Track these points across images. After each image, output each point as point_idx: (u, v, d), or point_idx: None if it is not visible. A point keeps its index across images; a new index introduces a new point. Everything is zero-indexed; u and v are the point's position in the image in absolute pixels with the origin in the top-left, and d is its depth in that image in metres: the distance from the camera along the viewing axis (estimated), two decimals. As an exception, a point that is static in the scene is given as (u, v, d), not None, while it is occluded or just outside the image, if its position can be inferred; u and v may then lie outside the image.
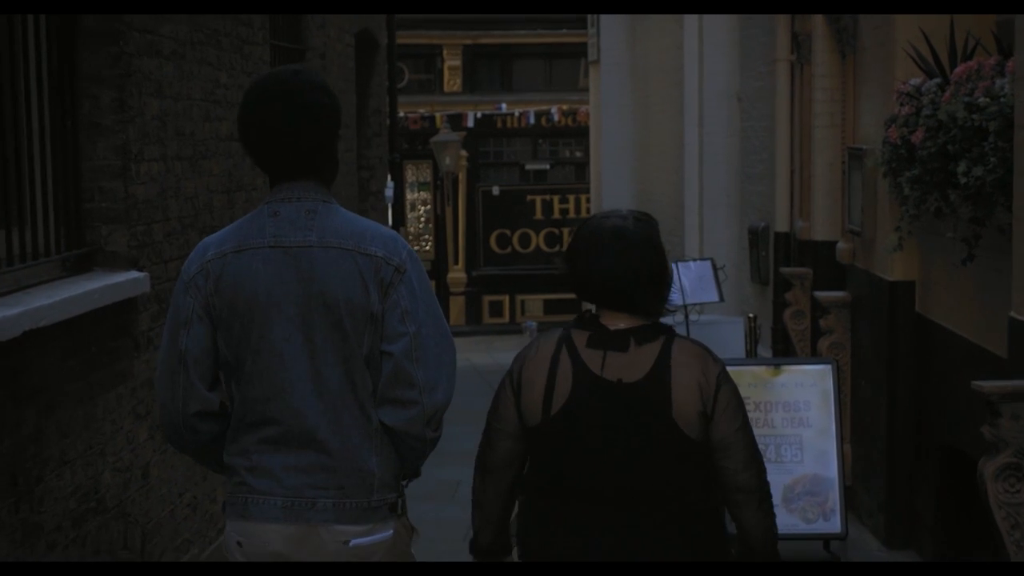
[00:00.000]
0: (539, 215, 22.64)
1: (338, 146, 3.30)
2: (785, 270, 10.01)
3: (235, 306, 3.14)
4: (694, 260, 10.66)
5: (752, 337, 10.12)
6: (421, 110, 22.27)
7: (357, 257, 3.09)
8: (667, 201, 14.71)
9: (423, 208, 22.98)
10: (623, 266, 3.14)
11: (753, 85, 11.70)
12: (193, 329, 3.15)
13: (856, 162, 7.88)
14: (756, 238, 11.38)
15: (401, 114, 19.89)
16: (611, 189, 16.92)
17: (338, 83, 10.01)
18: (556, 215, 22.67)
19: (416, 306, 3.14)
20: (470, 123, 22.14)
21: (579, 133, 21.91)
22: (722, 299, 10.53)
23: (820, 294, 8.54)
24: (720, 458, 3.16)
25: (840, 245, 8.46)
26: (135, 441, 5.75)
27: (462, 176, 22.44)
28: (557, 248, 22.46)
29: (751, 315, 10.26)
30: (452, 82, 22.59)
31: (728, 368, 3.27)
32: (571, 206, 22.70)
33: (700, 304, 10.53)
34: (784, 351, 10.50)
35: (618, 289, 3.15)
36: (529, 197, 22.66)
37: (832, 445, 6.87)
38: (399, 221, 17.13)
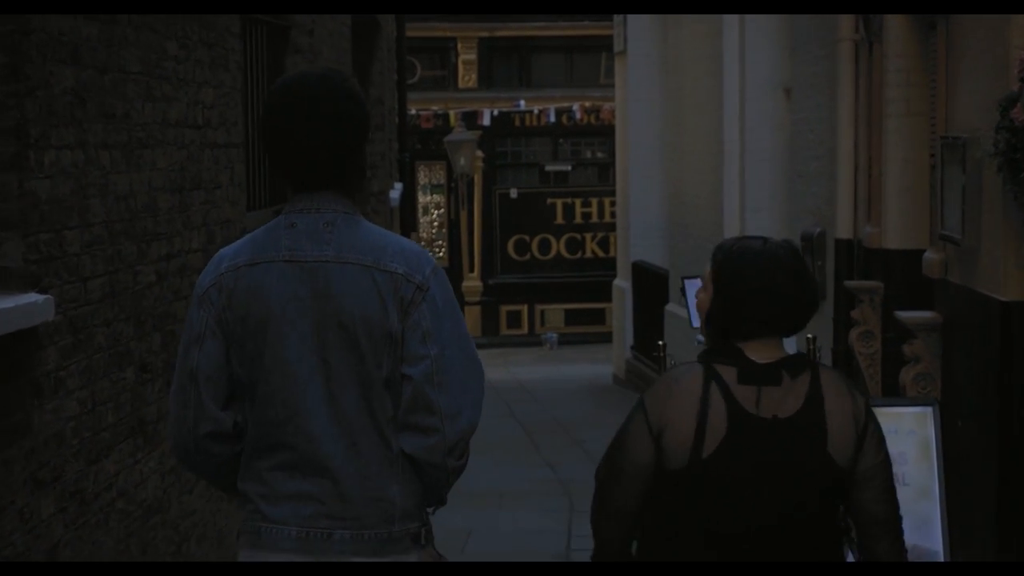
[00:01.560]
0: (560, 220, 22.08)
1: (365, 154, 3.15)
2: (851, 284, 8.68)
3: (247, 322, 3.04)
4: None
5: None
6: (434, 107, 21.70)
7: (376, 274, 3.00)
8: (703, 205, 13.51)
9: (436, 212, 22.45)
10: (785, 288, 3.10)
11: (805, 72, 10.42)
12: (206, 345, 3.07)
13: (953, 154, 6.46)
14: (810, 246, 10.03)
15: (412, 111, 19.22)
16: (639, 192, 16.00)
17: (329, 65, 8.64)
18: (578, 220, 22.12)
19: (439, 326, 3.03)
20: (486, 121, 21.53)
21: (603, 132, 21.34)
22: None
23: (904, 315, 7.12)
24: (861, 489, 3.13)
25: (928, 255, 7.05)
26: (34, 518, 4.35)
27: (478, 178, 21.97)
28: (579, 255, 22.01)
29: (810, 336, 8.82)
30: (467, 77, 22.02)
31: None
32: (594, 210, 22.12)
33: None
34: (847, 380, 9.10)
35: (782, 315, 3.10)
36: (549, 200, 22.12)
37: (936, 510, 5.47)
38: (410, 226, 16.06)
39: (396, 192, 12.65)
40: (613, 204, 19.67)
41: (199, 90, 5.97)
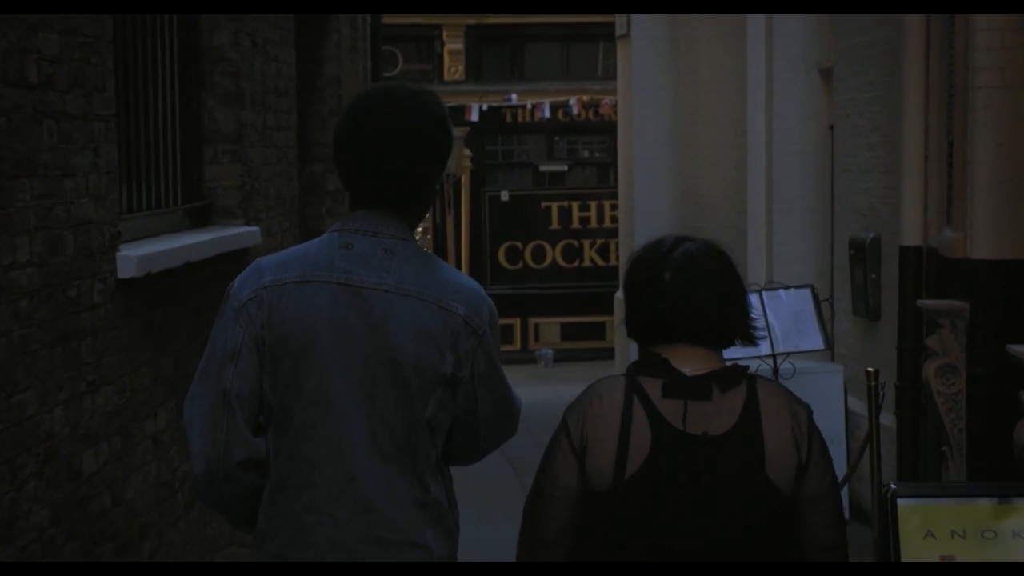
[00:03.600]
0: (555, 225, 21.00)
1: (436, 185, 3.03)
2: (927, 304, 6.96)
3: (288, 345, 2.91)
4: (785, 288, 7.42)
5: (874, 402, 6.92)
6: None
7: (436, 311, 2.93)
8: (723, 206, 11.92)
9: None
10: (704, 289, 2.91)
11: (852, 44, 8.76)
12: (242, 364, 2.91)
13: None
14: (861, 254, 8.35)
15: (392, 106, 17.58)
16: (645, 193, 14.38)
17: (263, 33, 6.86)
18: (575, 225, 20.90)
19: (490, 369, 3.00)
20: (474, 117, 20.49)
21: (603, 128, 20.53)
22: (828, 345, 7.30)
23: (1020, 348, 5.31)
24: (809, 514, 2.91)
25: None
26: None
27: (465, 179, 21.10)
28: (577, 263, 20.97)
29: (870, 369, 7.03)
30: (453, 69, 21.08)
31: (916, 499, 3.53)
32: (593, 214, 20.86)
33: (794, 352, 7.29)
34: (915, 426, 7.33)
35: (702, 316, 2.90)
36: (544, 204, 21.04)
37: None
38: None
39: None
40: (614, 208, 18.92)
41: (32, 35, 4.15)
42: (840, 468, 8.56)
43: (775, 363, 7.22)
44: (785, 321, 7.11)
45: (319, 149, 8.88)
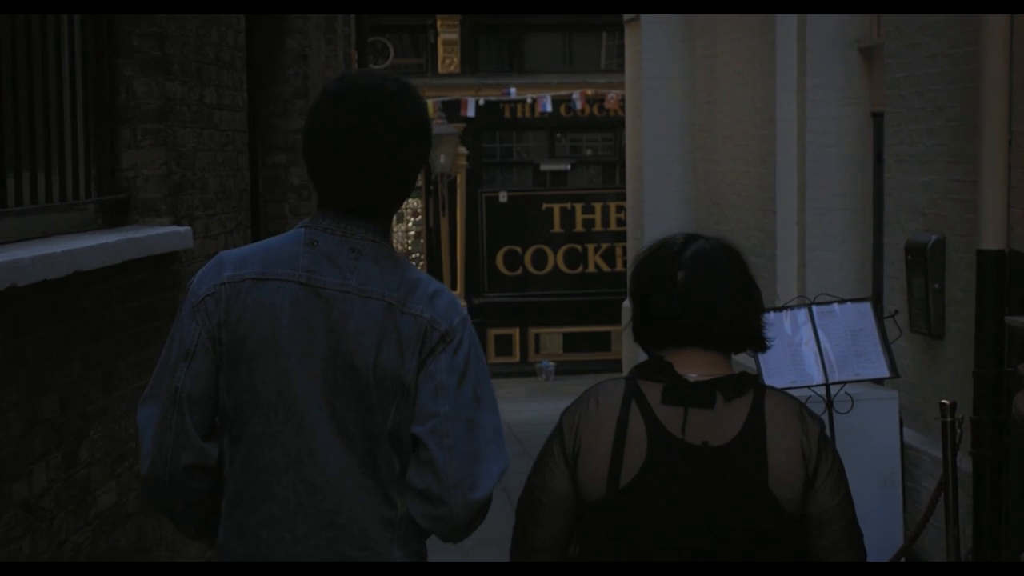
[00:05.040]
0: (557, 228, 20.60)
1: (412, 184, 2.92)
2: (1016, 321, 5.69)
3: (245, 345, 2.80)
4: (839, 302, 6.12)
5: (950, 442, 5.66)
6: None
7: (399, 316, 2.81)
8: (746, 206, 10.86)
9: (412, 219, 21.04)
10: (720, 289, 2.84)
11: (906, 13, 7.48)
12: (196, 363, 2.81)
13: None
14: (921, 260, 7.14)
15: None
16: (656, 193, 13.61)
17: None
18: (579, 228, 20.50)
19: (455, 382, 2.81)
20: (470, 112, 19.95)
21: (608, 125, 20.06)
22: (895, 372, 6.00)
23: None
24: (816, 535, 2.79)
25: None
26: None
27: (461, 179, 20.53)
28: (580, 269, 20.49)
29: (947, 401, 5.76)
30: (448, 61, 20.40)
31: None
32: (597, 216, 20.48)
33: (852, 381, 5.98)
34: (997, 470, 6.13)
35: (718, 318, 2.82)
36: (545, 205, 20.63)
37: None
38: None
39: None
40: (620, 210, 18.74)
41: None
42: (894, 513, 7.33)
43: (828, 394, 5.93)
44: (841, 343, 5.84)
45: (281, 137, 7.63)
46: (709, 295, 2.79)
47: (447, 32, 20.41)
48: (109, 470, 4.72)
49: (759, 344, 2.86)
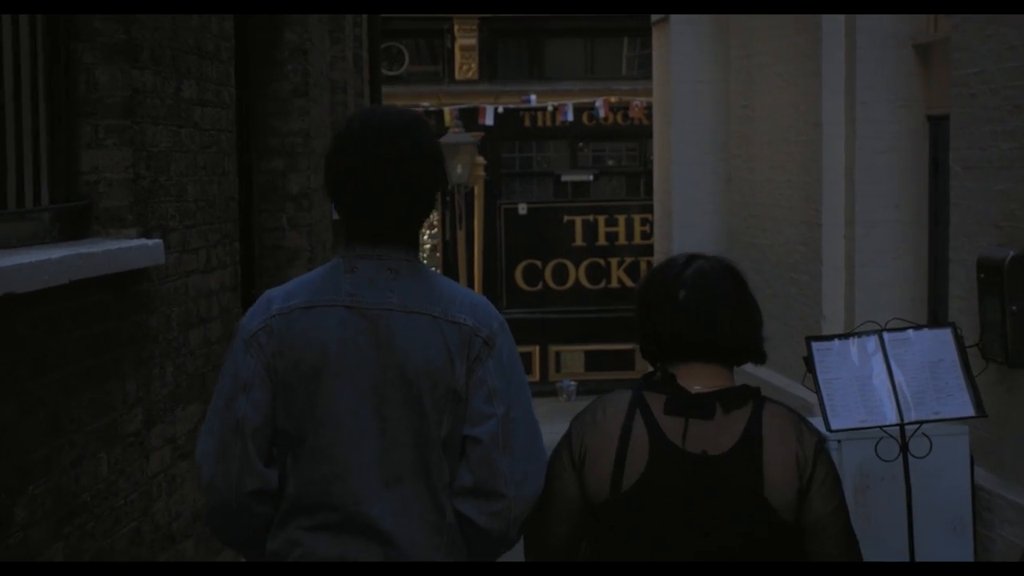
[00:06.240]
0: (579, 241, 20.59)
1: (433, 206, 3.13)
2: None
3: (300, 368, 3.00)
4: (915, 328, 5.37)
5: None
6: (425, 103, 20.14)
7: (443, 325, 3.00)
8: (787, 219, 10.34)
9: (428, 232, 20.87)
10: (719, 305, 3.02)
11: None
12: (253, 394, 3.00)
13: None
14: (997, 279, 6.44)
15: (398, 108, 17.42)
16: (686, 205, 13.14)
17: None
18: (602, 241, 20.56)
19: (506, 385, 3.01)
20: (489, 120, 20.00)
21: (632, 134, 20.20)
22: (981, 410, 5.23)
23: None
24: (811, 542, 2.94)
25: None
26: None
27: (478, 190, 20.58)
28: (603, 284, 20.37)
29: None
30: (466, 67, 20.47)
31: None
32: (621, 230, 20.52)
33: (932, 420, 5.21)
34: None
35: (718, 333, 3.00)
36: (566, 218, 20.64)
37: None
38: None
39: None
40: (644, 222, 18.77)
41: None
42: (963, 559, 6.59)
43: (902, 435, 5.16)
44: (918, 376, 5.07)
45: (278, 140, 6.94)
46: (710, 312, 2.98)
47: (465, 37, 20.34)
48: (54, 531, 3.97)
49: (759, 356, 3.03)
